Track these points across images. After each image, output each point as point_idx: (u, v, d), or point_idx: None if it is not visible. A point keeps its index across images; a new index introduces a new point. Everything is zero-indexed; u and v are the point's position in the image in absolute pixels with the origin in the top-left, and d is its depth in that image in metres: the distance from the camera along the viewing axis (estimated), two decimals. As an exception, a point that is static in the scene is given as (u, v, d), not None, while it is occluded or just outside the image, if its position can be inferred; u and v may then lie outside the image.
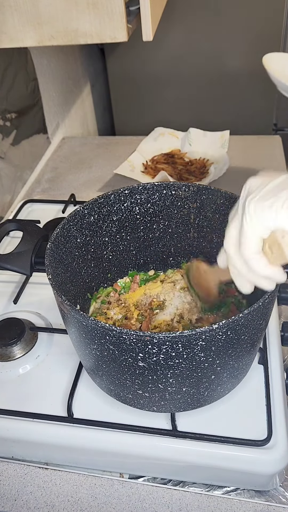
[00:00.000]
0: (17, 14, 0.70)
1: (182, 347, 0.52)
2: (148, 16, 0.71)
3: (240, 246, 0.50)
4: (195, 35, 1.62)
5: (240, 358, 0.59)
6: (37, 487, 0.66)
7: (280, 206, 0.46)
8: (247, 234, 0.49)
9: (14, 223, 0.79)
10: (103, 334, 0.53)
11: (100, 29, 0.70)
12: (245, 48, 1.62)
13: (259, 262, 0.50)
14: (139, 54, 1.69)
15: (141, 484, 0.66)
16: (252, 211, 0.48)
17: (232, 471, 0.62)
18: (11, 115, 1.16)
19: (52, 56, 1.43)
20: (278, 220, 0.47)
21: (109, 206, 0.74)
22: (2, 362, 0.75)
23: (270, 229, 0.48)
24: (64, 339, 0.78)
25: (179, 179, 1.23)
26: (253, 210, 0.48)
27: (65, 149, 1.47)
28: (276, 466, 0.61)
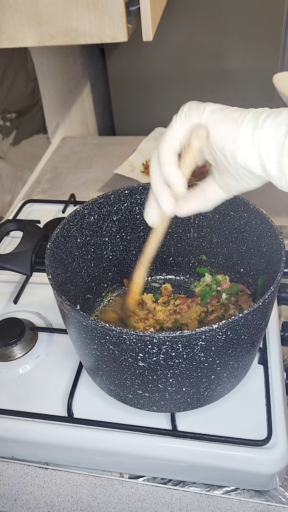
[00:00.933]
0: (17, 14, 0.70)
1: (182, 347, 0.52)
2: (148, 16, 0.71)
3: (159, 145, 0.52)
4: (195, 35, 1.62)
5: (240, 358, 0.59)
6: (37, 487, 0.66)
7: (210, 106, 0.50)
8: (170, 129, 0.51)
9: (14, 223, 0.79)
10: (103, 334, 0.53)
11: (100, 29, 0.70)
12: (245, 48, 1.62)
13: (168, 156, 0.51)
14: (139, 54, 1.69)
15: (141, 484, 0.66)
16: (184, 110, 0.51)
17: (232, 471, 0.62)
18: (11, 115, 1.16)
19: (52, 56, 1.43)
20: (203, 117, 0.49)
21: (109, 206, 0.74)
22: (2, 362, 0.75)
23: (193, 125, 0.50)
24: (64, 339, 0.78)
25: (179, 179, 1.23)
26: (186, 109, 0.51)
27: (65, 149, 1.47)
28: (276, 466, 0.61)
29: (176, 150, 0.51)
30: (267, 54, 1.61)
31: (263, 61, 1.63)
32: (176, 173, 0.51)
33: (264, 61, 1.63)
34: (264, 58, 1.62)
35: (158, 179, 0.53)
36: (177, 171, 0.51)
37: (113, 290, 0.82)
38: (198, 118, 0.50)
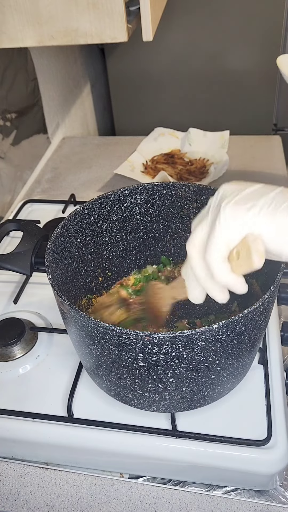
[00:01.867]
0: (17, 14, 0.70)
1: (182, 347, 0.52)
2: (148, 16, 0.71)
3: (206, 249, 0.48)
4: (195, 35, 1.62)
5: (240, 358, 0.59)
6: (37, 487, 0.66)
7: (258, 211, 0.45)
8: (218, 237, 0.47)
9: (14, 223, 0.79)
10: (103, 334, 0.53)
11: (100, 29, 0.70)
12: (245, 48, 1.62)
13: (223, 267, 0.48)
14: (139, 54, 1.69)
15: (141, 484, 0.66)
16: (228, 214, 0.47)
17: (232, 471, 0.62)
18: (11, 115, 1.16)
19: (52, 56, 1.43)
20: (254, 225, 0.45)
21: (109, 206, 0.74)
22: (2, 362, 0.75)
23: (243, 234, 0.46)
24: (64, 339, 0.78)
25: (179, 179, 1.23)
26: (229, 213, 0.47)
27: (65, 149, 1.47)
28: (276, 466, 0.61)
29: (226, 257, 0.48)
30: (267, 54, 1.61)
31: (263, 61, 1.63)
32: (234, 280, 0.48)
33: (264, 61, 1.63)
34: (264, 58, 1.62)
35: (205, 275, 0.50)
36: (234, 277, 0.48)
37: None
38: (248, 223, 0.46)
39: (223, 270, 0.48)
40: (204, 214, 0.51)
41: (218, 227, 0.47)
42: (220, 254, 0.47)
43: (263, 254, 0.45)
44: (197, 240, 0.50)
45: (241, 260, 0.47)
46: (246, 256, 0.46)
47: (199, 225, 0.50)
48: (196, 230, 0.51)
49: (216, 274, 0.48)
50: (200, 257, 0.50)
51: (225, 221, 0.47)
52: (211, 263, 0.48)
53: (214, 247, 0.47)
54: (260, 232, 0.45)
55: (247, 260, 0.46)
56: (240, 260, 0.47)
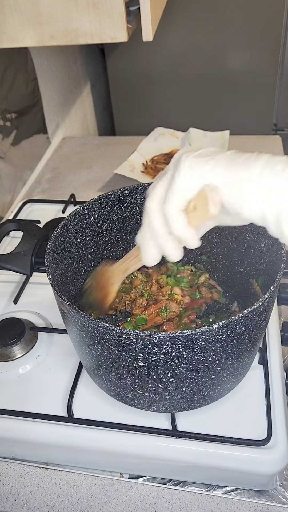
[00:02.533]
0: (17, 14, 0.70)
1: (182, 347, 0.52)
2: (148, 16, 0.71)
3: (165, 201, 0.50)
4: (195, 35, 1.62)
5: (240, 358, 0.59)
6: (37, 487, 0.66)
7: (215, 163, 0.47)
8: (176, 189, 0.49)
9: (14, 223, 0.79)
10: (103, 334, 0.53)
11: (100, 29, 0.70)
12: (245, 48, 1.62)
13: (179, 219, 0.49)
14: (139, 54, 1.69)
15: (141, 484, 0.66)
16: (186, 166, 0.48)
17: (232, 471, 0.62)
18: (11, 115, 1.16)
19: (52, 56, 1.43)
20: (211, 176, 0.47)
21: (109, 206, 0.74)
22: (2, 362, 0.75)
23: (201, 185, 0.48)
24: (64, 339, 0.78)
25: (179, 179, 1.23)
26: (188, 165, 0.48)
27: (65, 149, 1.47)
28: (276, 466, 0.61)
29: (184, 209, 0.50)
30: (267, 54, 1.61)
31: (263, 61, 1.63)
32: (189, 232, 0.50)
33: (264, 61, 1.63)
34: (264, 59, 1.62)
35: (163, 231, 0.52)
36: (189, 230, 0.50)
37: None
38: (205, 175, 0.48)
39: (180, 221, 0.50)
40: (163, 173, 0.53)
41: (177, 179, 0.49)
42: (178, 204, 0.49)
43: (218, 202, 0.48)
44: (157, 194, 0.51)
45: (197, 211, 0.49)
46: (202, 206, 0.48)
47: (159, 181, 0.52)
48: (156, 185, 0.52)
49: (173, 224, 0.50)
50: (159, 211, 0.51)
51: (183, 173, 0.48)
52: (169, 213, 0.50)
53: (172, 198, 0.49)
54: (217, 184, 0.47)
55: (203, 209, 0.48)
56: (197, 211, 0.49)
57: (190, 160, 0.49)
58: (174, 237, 0.51)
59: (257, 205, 0.46)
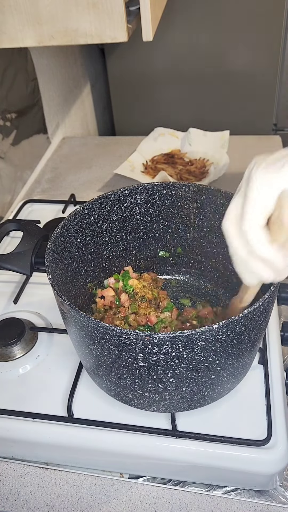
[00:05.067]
0: (17, 14, 0.70)
1: (182, 347, 0.52)
2: (148, 16, 0.71)
3: (242, 221, 0.45)
4: (195, 35, 1.62)
5: (240, 358, 0.59)
6: (37, 487, 0.66)
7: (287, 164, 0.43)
8: (251, 205, 0.44)
9: (14, 223, 0.79)
10: (103, 334, 0.53)
11: (100, 29, 0.70)
12: (245, 48, 1.61)
13: (260, 237, 0.45)
14: (139, 54, 1.69)
15: (141, 484, 0.66)
16: (259, 178, 0.44)
17: (232, 471, 0.62)
18: (11, 115, 1.16)
19: (52, 56, 1.43)
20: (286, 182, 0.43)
21: (109, 206, 0.74)
22: (2, 362, 0.75)
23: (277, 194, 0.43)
24: (64, 339, 0.78)
25: (179, 179, 1.23)
26: (259, 177, 0.44)
27: (65, 149, 1.47)
28: (276, 466, 0.61)
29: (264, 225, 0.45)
30: (267, 54, 1.61)
31: (263, 61, 1.63)
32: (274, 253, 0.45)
33: (264, 61, 1.63)
34: (264, 58, 1.62)
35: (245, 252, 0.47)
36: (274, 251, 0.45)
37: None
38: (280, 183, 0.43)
39: (260, 240, 0.45)
40: (237, 191, 0.49)
41: (250, 195, 0.45)
42: (256, 222, 0.44)
43: None
44: (232, 214, 0.47)
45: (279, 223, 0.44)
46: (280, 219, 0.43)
47: (233, 201, 0.48)
48: (230, 207, 0.48)
49: (254, 245, 0.45)
50: (238, 233, 0.47)
51: (257, 186, 0.44)
52: (248, 233, 0.45)
53: (249, 216, 0.45)
54: None
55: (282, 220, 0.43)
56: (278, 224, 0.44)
57: (261, 169, 0.45)
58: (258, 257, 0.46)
59: None
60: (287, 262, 0.46)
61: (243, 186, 0.47)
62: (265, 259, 0.46)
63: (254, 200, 0.44)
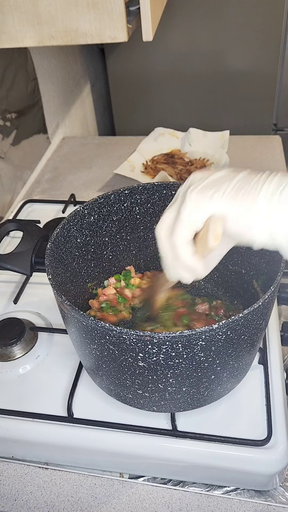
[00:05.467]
0: (17, 14, 0.70)
1: (182, 347, 0.52)
2: (148, 16, 0.71)
3: (172, 233, 0.52)
4: (195, 35, 1.62)
5: (240, 358, 0.59)
6: (37, 487, 0.66)
7: (220, 196, 0.48)
8: (183, 222, 0.50)
9: (14, 223, 0.79)
10: (103, 334, 0.53)
11: (100, 29, 0.69)
12: (245, 48, 1.62)
13: (186, 250, 0.51)
14: (139, 54, 1.69)
15: (141, 484, 0.66)
16: (192, 201, 0.50)
17: (232, 471, 0.62)
18: (11, 115, 1.16)
19: (52, 56, 1.43)
20: (216, 209, 0.48)
21: (109, 206, 0.74)
22: (2, 362, 0.75)
23: (206, 217, 0.49)
24: (64, 339, 0.78)
25: (179, 179, 1.23)
26: (194, 199, 0.50)
27: (65, 149, 1.47)
28: (276, 466, 0.61)
29: (190, 240, 0.51)
30: (267, 54, 1.61)
31: (263, 61, 1.63)
32: (195, 264, 0.52)
33: (264, 61, 1.63)
34: (264, 58, 1.62)
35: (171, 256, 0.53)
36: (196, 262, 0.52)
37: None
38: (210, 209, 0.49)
39: (185, 252, 0.51)
40: (173, 201, 0.54)
41: (183, 213, 0.50)
42: (184, 237, 0.51)
43: (218, 235, 0.49)
44: (165, 223, 0.53)
45: (203, 241, 0.50)
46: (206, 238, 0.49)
47: (168, 210, 0.54)
48: (165, 214, 0.54)
49: (179, 255, 0.52)
50: (167, 239, 0.53)
51: (190, 207, 0.50)
52: (176, 245, 0.52)
53: (179, 231, 0.51)
54: (221, 215, 0.49)
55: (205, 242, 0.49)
56: (202, 242, 0.50)
57: (196, 192, 0.50)
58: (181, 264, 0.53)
59: (266, 234, 0.47)
60: (205, 270, 0.53)
61: (179, 200, 0.52)
62: (188, 267, 0.52)
63: (185, 219, 0.50)
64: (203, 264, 0.52)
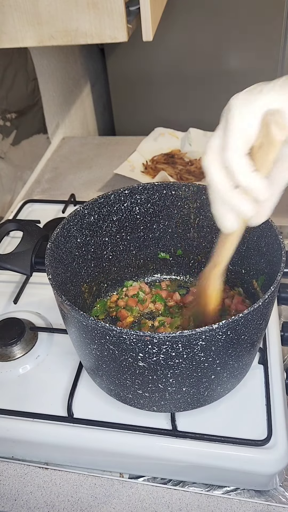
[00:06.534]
0: (17, 14, 0.70)
1: (182, 347, 0.52)
2: (148, 16, 0.71)
3: (224, 151, 0.43)
4: (195, 35, 1.62)
5: (240, 358, 0.59)
6: (37, 487, 0.66)
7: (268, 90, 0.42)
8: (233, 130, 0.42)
9: (14, 223, 0.79)
10: (103, 334, 0.53)
11: (100, 29, 0.69)
12: (245, 48, 1.61)
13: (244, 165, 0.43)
14: (139, 54, 1.69)
15: (141, 484, 0.66)
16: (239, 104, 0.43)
17: (232, 471, 0.62)
18: (11, 115, 1.16)
19: (52, 56, 1.43)
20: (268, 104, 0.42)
21: (109, 206, 0.74)
22: (2, 362, 0.75)
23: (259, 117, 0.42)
24: (64, 339, 0.78)
25: (179, 179, 1.23)
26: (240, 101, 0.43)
27: (65, 149, 1.47)
28: (276, 466, 0.61)
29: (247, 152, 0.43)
30: (267, 54, 1.61)
31: (263, 61, 1.63)
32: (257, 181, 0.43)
33: (264, 61, 1.62)
34: (264, 58, 1.62)
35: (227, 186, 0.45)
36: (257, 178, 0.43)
37: (113, 290, 0.82)
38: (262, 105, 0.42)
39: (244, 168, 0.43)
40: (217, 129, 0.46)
41: (231, 122, 0.43)
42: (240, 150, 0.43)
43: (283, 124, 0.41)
44: (213, 149, 0.45)
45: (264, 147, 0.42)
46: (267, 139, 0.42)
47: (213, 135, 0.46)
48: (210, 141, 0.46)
49: (238, 173, 0.43)
50: (220, 166, 0.45)
51: (238, 113, 0.43)
52: (231, 163, 0.43)
53: (231, 145, 0.43)
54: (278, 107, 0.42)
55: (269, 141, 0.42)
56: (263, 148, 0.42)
57: (241, 96, 0.43)
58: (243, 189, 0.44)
59: None
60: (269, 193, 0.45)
61: (223, 118, 0.45)
62: (249, 189, 0.44)
63: (236, 127, 0.43)
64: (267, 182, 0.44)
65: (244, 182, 0.44)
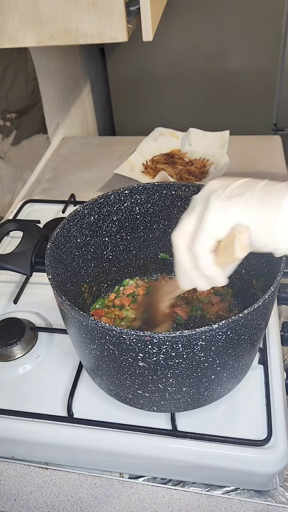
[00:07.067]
0: (17, 14, 0.70)
1: (182, 347, 0.52)
2: (148, 16, 0.71)
3: (195, 241, 0.51)
4: (195, 35, 1.62)
5: (240, 358, 0.59)
6: (37, 487, 0.66)
7: (244, 204, 0.48)
8: (207, 230, 0.50)
9: (14, 223, 0.79)
10: (103, 334, 0.53)
11: (100, 29, 0.69)
12: (245, 48, 1.62)
13: (208, 259, 0.50)
14: (139, 54, 1.69)
15: (141, 484, 0.66)
16: (217, 208, 0.49)
17: (232, 471, 0.62)
18: (11, 115, 1.16)
19: (52, 56, 1.43)
20: (241, 218, 0.48)
21: (109, 206, 0.74)
22: (2, 362, 0.75)
23: (231, 226, 0.49)
24: (64, 339, 0.78)
25: (179, 179, 1.23)
26: (219, 207, 0.49)
27: (65, 149, 1.47)
28: (276, 466, 0.61)
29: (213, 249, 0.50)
30: (267, 54, 1.61)
31: (263, 61, 1.63)
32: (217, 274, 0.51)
33: (264, 61, 1.63)
34: (264, 58, 1.62)
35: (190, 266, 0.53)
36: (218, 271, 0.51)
37: (113, 290, 0.82)
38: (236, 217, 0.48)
39: (207, 261, 0.51)
40: (191, 209, 0.53)
41: (207, 220, 0.50)
42: (208, 246, 0.50)
43: (245, 245, 0.48)
44: (184, 231, 0.52)
45: (226, 251, 0.49)
46: (230, 247, 0.48)
47: (186, 218, 0.53)
48: (183, 222, 0.53)
49: (201, 264, 0.51)
50: (186, 248, 0.52)
51: (215, 215, 0.49)
52: (198, 254, 0.51)
53: (202, 239, 0.50)
54: (246, 224, 0.48)
55: (231, 250, 0.48)
56: (225, 251, 0.49)
57: (220, 200, 0.49)
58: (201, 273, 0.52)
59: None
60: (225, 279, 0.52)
61: (199, 207, 0.51)
62: (207, 277, 0.52)
63: (209, 228, 0.49)
64: (224, 273, 0.52)
65: (205, 271, 0.51)
